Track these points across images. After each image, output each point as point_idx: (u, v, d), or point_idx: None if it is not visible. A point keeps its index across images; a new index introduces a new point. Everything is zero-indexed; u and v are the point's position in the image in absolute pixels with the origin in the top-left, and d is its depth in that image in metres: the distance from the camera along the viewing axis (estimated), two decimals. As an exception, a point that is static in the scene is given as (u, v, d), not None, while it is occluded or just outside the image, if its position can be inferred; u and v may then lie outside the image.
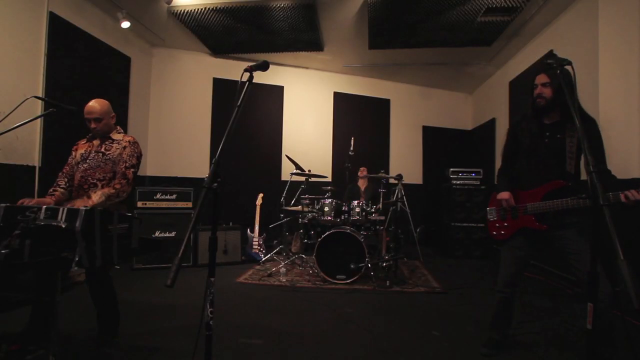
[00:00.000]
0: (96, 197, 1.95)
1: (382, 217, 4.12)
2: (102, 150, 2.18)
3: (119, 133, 2.28)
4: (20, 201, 1.81)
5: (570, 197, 1.81)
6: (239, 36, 4.92)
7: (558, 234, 1.92)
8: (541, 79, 1.94)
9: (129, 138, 2.25)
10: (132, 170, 2.16)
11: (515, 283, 2.10)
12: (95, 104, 2.16)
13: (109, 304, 2.18)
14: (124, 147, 2.20)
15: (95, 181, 2.12)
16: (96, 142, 2.23)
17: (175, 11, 4.29)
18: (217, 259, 1.37)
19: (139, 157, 2.24)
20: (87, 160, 2.16)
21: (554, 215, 1.91)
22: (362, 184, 5.02)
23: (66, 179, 2.19)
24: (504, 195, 2.05)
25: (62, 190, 2.15)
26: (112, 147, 2.19)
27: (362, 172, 5.01)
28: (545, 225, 1.94)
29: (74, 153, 2.25)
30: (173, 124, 5.50)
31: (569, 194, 1.85)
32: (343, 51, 5.45)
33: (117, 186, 2.06)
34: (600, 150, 1.86)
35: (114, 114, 2.26)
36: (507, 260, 2.11)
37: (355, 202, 3.94)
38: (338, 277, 3.59)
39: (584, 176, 1.91)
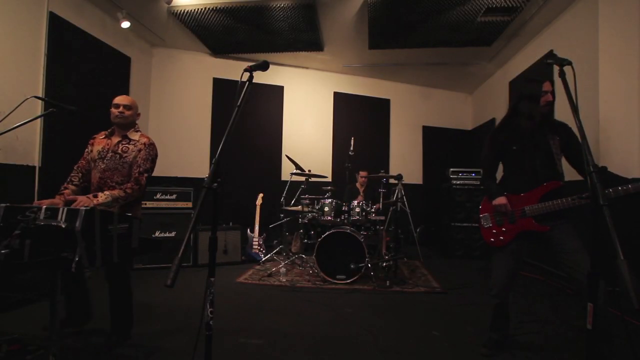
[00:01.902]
0: (102, 197, 1.96)
1: (382, 217, 4.12)
2: (119, 151, 2.17)
3: (137, 132, 2.28)
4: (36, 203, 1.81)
5: (570, 197, 1.81)
6: (239, 36, 4.92)
7: (552, 233, 1.92)
8: (548, 86, 1.95)
9: (145, 139, 2.24)
10: (145, 175, 2.16)
11: (510, 286, 2.09)
12: (126, 96, 2.27)
13: (125, 303, 2.19)
14: (140, 150, 2.19)
15: (114, 184, 2.13)
16: (114, 140, 2.22)
17: (175, 11, 4.28)
18: (217, 259, 1.37)
19: (153, 159, 2.24)
20: (105, 160, 2.16)
21: (549, 215, 1.91)
22: (361, 185, 5.03)
23: (80, 174, 2.21)
24: (502, 200, 2.03)
25: (73, 187, 2.16)
26: (129, 148, 2.19)
27: (363, 179, 5.00)
28: (547, 227, 1.93)
29: (90, 147, 2.26)
30: (173, 124, 5.49)
31: (562, 194, 1.87)
32: (343, 51, 5.45)
33: (129, 190, 2.06)
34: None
35: (139, 112, 2.34)
36: (503, 264, 2.08)
37: (355, 202, 3.95)
38: (338, 277, 3.59)
39: (568, 177, 1.98)
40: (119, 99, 2.24)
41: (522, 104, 2.04)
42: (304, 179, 4.42)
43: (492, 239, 2.10)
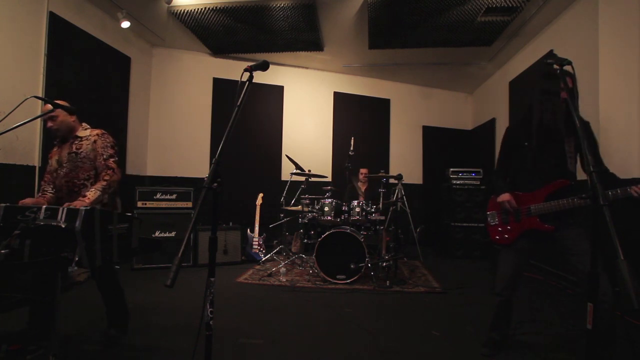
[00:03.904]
0: (92, 194, 1.95)
1: (382, 217, 4.12)
2: (74, 150, 2.14)
3: (85, 130, 2.23)
4: (21, 202, 1.82)
5: (576, 197, 1.79)
6: (239, 36, 4.92)
7: (562, 234, 1.90)
8: (569, 82, 1.86)
9: (97, 131, 2.21)
10: (112, 159, 2.15)
11: (515, 285, 2.08)
12: (47, 104, 2.09)
13: (116, 300, 2.19)
14: (94, 142, 2.16)
15: (82, 182, 2.11)
16: (66, 145, 2.19)
17: (175, 11, 4.29)
18: (217, 259, 1.37)
19: (113, 145, 2.20)
20: (64, 165, 2.13)
21: (558, 215, 1.89)
22: (362, 185, 5.02)
23: (51, 186, 2.19)
24: (505, 196, 2.01)
25: (50, 194, 2.16)
26: (82, 144, 2.16)
27: (363, 175, 5.00)
28: (552, 226, 1.91)
29: (50, 161, 2.23)
30: (173, 124, 5.49)
31: (571, 194, 1.85)
32: (343, 51, 5.45)
33: (107, 177, 2.06)
34: (597, 150, 1.90)
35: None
36: (507, 263, 2.07)
37: (355, 202, 3.94)
38: (338, 277, 3.59)
39: (580, 176, 1.95)
40: (45, 113, 2.09)
41: (541, 99, 1.97)
42: (304, 179, 4.42)
43: (498, 237, 2.09)
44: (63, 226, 1.42)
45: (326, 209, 3.91)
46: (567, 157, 1.92)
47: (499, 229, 2.09)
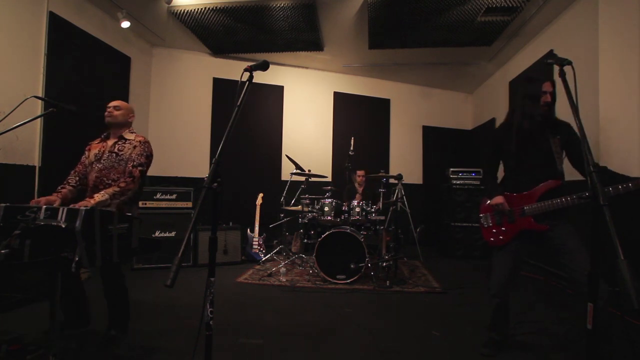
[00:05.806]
0: (99, 196, 1.96)
1: (382, 217, 4.11)
2: (116, 150, 2.22)
3: (132, 133, 2.33)
4: (32, 202, 1.83)
5: (574, 195, 1.80)
6: (239, 36, 4.92)
7: (552, 233, 1.92)
8: (548, 86, 1.95)
9: (140, 138, 2.29)
10: (139, 168, 2.17)
11: (511, 286, 2.09)
12: (119, 101, 2.32)
13: (120, 299, 2.20)
14: (135, 147, 2.23)
15: (110, 182, 2.15)
16: (110, 142, 2.26)
17: (175, 11, 4.28)
18: (217, 259, 1.37)
19: (148, 156, 2.26)
20: (102, 161, 2.19)
21: (549, 214, 1.91)
22: (359, 186, 5.02)
23: (77, 178, 2.23)
24: (499, 199, 2.04)
25: (70, 188, 2.18)
26: (125, 147, 2.24)
27: (360, 177, 5.00)
28: (546, 226, 1.93)
29: (87, 153, 2.30)
30: (173, 124, 5.49)
31: (562, 193, 1.87)
32: (343, 51, 5.45)
33: (122, 184, 2.07)
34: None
35: (133, 114, 2.37)
36: (503, 264, 2.08)
37: (355, 202, 3.95)
38: (338, 277, 3.59)
39: (568, 177, 1.98)
40: (111, 103, 2.31)
41: (522, 104, 2.04)
42: (304, 179, 4.42)
43: (492, 239, 2.11)
44: (63, 226, 1.42)
45: (326, 209, 3.91)
46: (554, 157, 1.94)
47: (493, 230, 2.11)
